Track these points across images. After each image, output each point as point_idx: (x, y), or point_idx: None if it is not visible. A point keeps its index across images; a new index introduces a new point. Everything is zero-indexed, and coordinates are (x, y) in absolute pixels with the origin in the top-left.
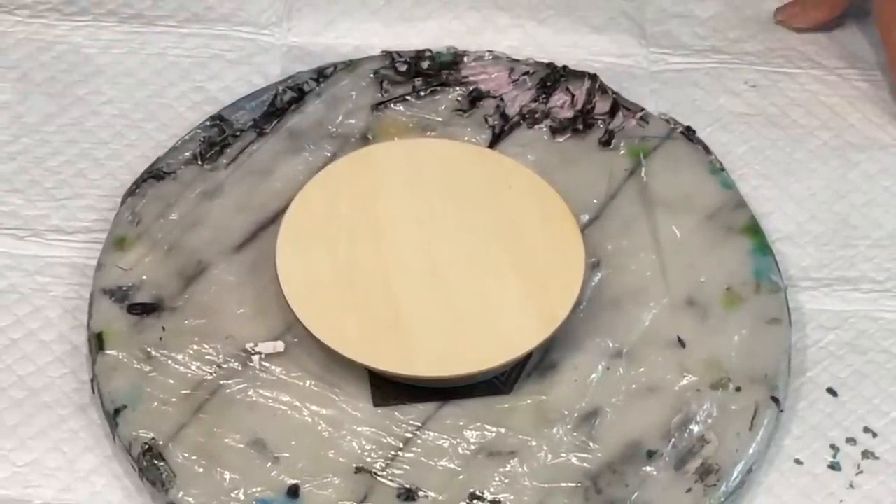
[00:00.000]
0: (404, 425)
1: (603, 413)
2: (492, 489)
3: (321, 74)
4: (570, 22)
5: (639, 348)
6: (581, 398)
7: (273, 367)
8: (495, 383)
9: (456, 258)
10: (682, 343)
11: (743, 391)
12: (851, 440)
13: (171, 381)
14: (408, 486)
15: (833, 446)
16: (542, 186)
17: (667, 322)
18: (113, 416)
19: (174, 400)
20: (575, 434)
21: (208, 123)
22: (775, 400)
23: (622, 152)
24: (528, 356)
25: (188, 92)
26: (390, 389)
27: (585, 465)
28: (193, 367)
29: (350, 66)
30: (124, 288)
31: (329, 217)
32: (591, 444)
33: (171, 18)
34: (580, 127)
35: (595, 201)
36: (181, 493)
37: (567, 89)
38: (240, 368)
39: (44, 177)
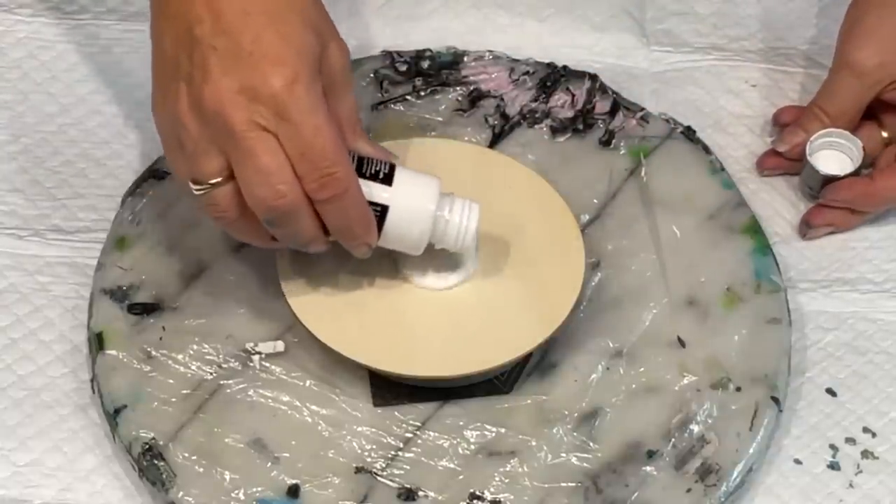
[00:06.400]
0: (404, 425)
1: (603, 413)
2: (492, 489)
3: None
4: (571, 20)
5: (639, 348)
6: (581, 398)
7: (273, 367)
8: (495, 383)
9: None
10: (682, 343)
11: (743, 391)
12: (851, 440)
13: (171, 381)
14: (408, 486)
15: (832, 446)
16: (542, 186)
17: (667, 322)
18: (113, 416)
19: (174, 400)
20: (575, 434)
21: None
22: (775, 400)
23: (622, 152)
24: (528, 356)
25: None
26: (390, 389)
27: (585, 465)
28: (193, 367)
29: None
30: (124, 288)
31: None
32: (591, 444)
33: None
34: (580, 127)
35: (595, 201)
36: (181, 493)
37: (567, 89)
38: (240, 368)
39: (44, 177)
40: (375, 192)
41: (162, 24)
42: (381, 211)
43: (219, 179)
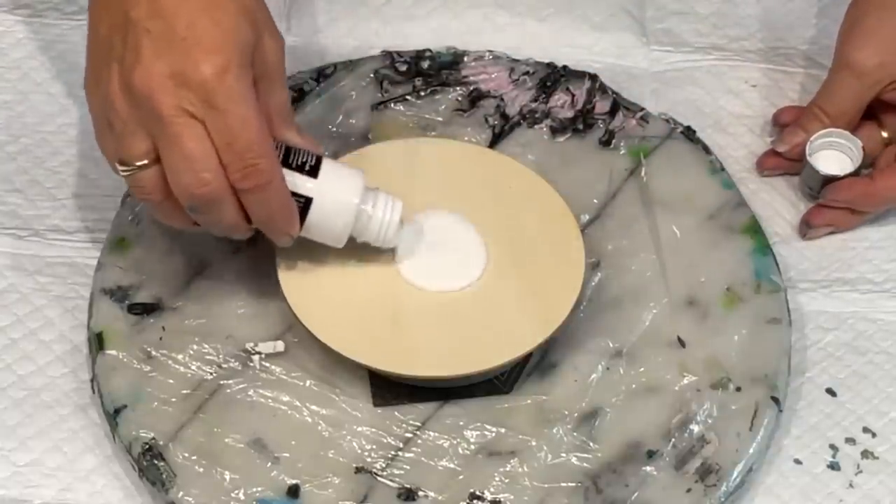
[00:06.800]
0: (404, 425)
1: (603, 413)
2: (492, 489)
3: (321, 74)
4: (571, 20)
5: (639, 348)
6: (581, 398)
7: (273, 367)
8: (495, 383)
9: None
10: (682, 343)
11: (743, 391)
12: (851, 440)
13: (171, 381)
14: (408, 486)
15: (832, 446)
16: (542, 186)
17: (667, 322)
18: (113, 416)
19: (174, 400)
20: (575, 434)
21: None
22: (775, 400)
23: (622, 152)
24: (528, 356)
25: None
26: (390, 389)
27: (585, 465)
28: (193, 367)
29: (350, 66)
30: (124, 288)
31: None
32: (591, 444)
33: None
34: (580, 127)
35: (595, 201)
36: (181, 493)
37: (567, 89)
38: (240, 368)
39: (44, 177)
40: (300, 183)
41: (99, 6)
42: (305, 202)
43: (145, 162)
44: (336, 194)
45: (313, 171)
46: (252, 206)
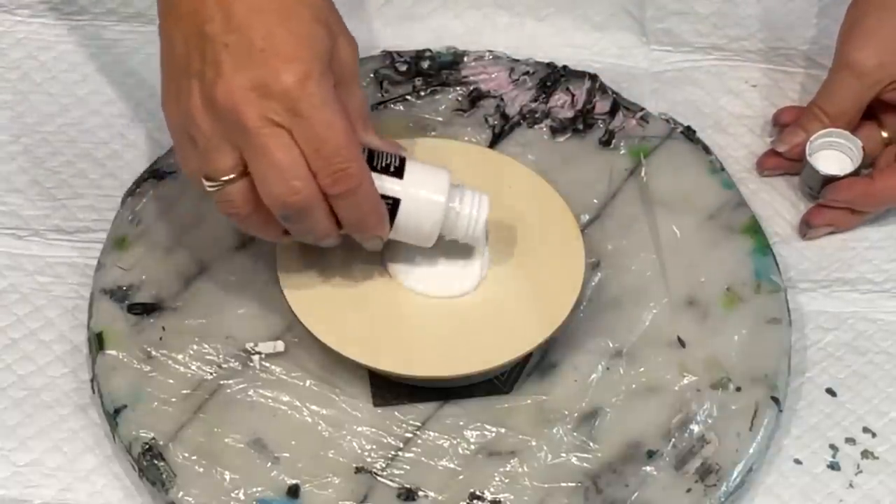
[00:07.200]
0: (404, 425)
1: (603, 413)
2: (492, 489)
3: None
4: (571, 20)
5: (639, 348)
6: (581, 398)
7: (273, 367)
8: (495, 383)
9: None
10: (682, 343)
11: (743, 391)
12: (851, 440)
13: (171, 381)
14: (408, 486)
15: (832, 446)
16: (542, 186)
17: (667, 322)
18: (113, 416)
19: (174, 400)
20: (575, 434)
21: None
22: (775, 400)
23: (622, 152)
24: (528, 356)
25: None
26: (390, 389)
27: (585, 465)
28: (193, 367)
29: None
30: (124, 288)
31: None
32: (591, 444)
33: None
34: (580, 127)
35: (595, 201)
36: (181, 493)
37: (567, 89)
38: (240, 368)
39: (44, 177)
40: (387, 185)
41: (171, 23)
42: (393, 204)
43: (232, 176)
44: (423, 194)
45: (398, 172)
46: (343, 211)
